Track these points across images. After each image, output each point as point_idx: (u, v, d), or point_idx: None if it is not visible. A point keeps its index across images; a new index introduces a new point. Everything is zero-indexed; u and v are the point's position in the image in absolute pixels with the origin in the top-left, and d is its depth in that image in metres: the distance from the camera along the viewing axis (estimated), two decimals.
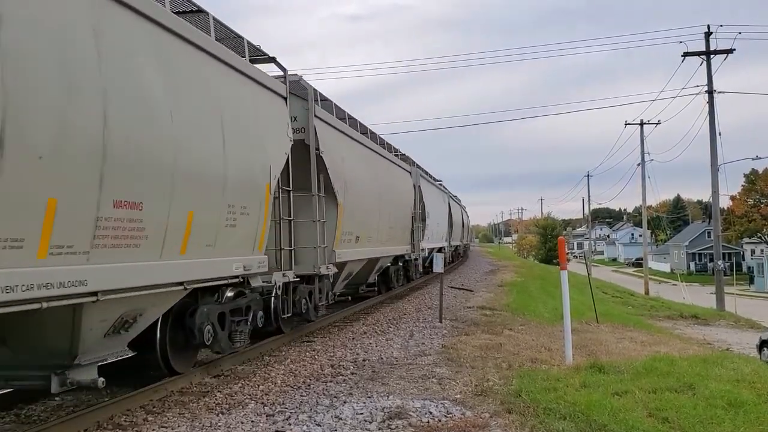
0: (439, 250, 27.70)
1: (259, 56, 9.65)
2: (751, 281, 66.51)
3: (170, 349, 7.63)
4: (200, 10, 7.92)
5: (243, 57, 8.67)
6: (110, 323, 6.07)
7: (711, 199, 33.23)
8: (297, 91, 11.13)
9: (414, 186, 21.66)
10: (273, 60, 9.97)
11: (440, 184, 32.93)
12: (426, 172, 26.73)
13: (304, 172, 10.97)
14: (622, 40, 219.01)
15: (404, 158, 22.09)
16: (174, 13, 6.97)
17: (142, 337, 7.05)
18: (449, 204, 34.48)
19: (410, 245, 20.47)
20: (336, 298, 13.63)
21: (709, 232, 70.21)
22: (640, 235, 71.43)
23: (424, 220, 23.23)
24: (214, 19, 7.98)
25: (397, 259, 19.42)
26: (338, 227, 12.23)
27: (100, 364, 6.22)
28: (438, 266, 14.78)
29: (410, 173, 21.72)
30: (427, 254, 24.44)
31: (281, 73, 10.20)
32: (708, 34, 31.03)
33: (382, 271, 18.23)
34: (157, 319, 7.22)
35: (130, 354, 7.13)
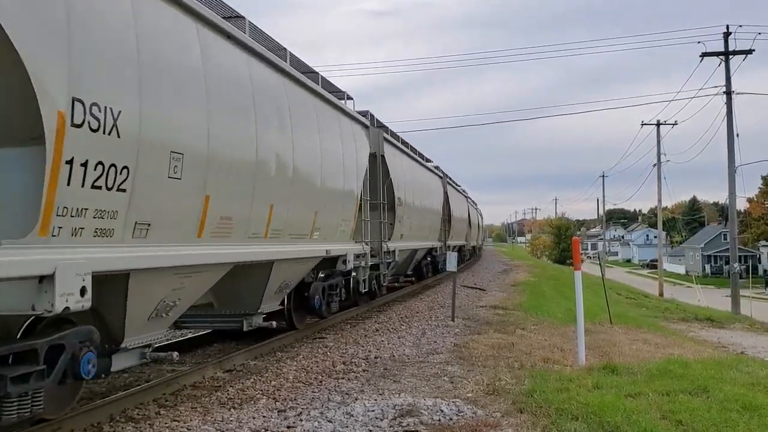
0: (430, 251, 23.63)
1: None
2: (767, 284, 65.86)
3: None
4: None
5: None
6: None
7: (727, 201, 32.87)
8: None
9: (377, 155, 14.75)
10: None
11: (435, 167, 25.77)
12: (404, 142, 19.25)
13: None
14: (641, 40, 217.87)
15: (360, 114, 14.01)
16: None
17: None
18: (446, 191, 26.73)
19: (360, 244, 13.12)
20: (152, 354, 6.65)
21: (725, 235, 69.76)
22: (655, 237, 70.96)
23: (392, 209, 16.05)
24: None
25: (333, 266, 11.91)
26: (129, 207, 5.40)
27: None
28: (451, 265, 14.78)
29: (367, 128, 14.04)
30: (397, 258, 16.75)
31: None
32: (727, 35, 30.66)
33: (294, 289, 10.69)
34: None
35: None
